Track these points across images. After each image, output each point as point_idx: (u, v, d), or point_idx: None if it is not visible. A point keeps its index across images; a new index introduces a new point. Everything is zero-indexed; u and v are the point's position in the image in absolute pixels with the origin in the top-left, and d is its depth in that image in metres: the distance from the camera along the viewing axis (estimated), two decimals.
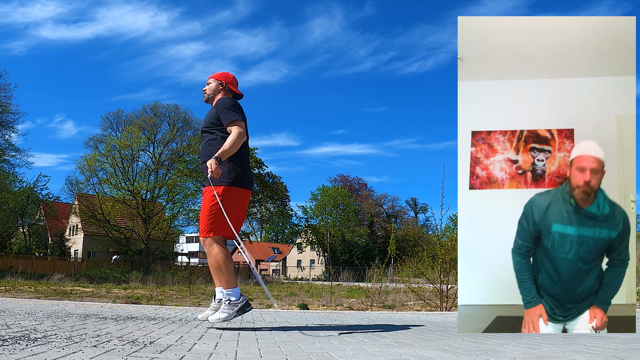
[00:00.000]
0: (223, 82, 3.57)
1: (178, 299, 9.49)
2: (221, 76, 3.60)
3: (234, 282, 3.31)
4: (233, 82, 3.62)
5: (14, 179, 31.14)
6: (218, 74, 3.63)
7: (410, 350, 2.43)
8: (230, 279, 3.29)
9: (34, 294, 9.62)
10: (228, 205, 3.26)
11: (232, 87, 3.59)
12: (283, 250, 64.64)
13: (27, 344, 2.13)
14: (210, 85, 3.59)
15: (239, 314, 3.26)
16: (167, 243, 38.13)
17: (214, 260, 3.27)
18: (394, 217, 64.70)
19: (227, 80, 3.59)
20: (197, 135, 34.84)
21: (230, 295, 3.27)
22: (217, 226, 3.27)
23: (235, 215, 3.34)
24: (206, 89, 3.60)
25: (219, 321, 3.22)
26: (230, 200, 3.28)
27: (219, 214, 3.23)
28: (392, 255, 23.63)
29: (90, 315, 3.90)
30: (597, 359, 2.19)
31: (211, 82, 3.59)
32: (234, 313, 3.24)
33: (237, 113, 3.37)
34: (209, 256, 3.31)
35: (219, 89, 3.56)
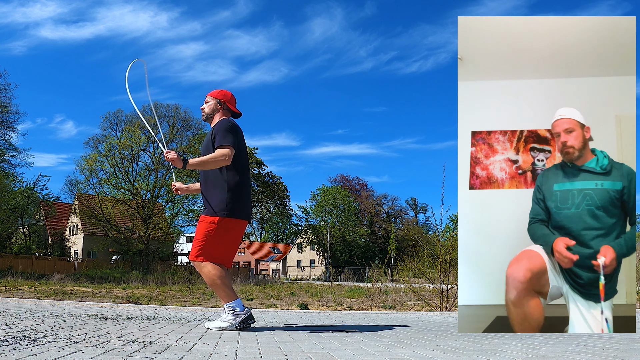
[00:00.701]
0: (222, 101, 3.53)
1: (178, 299, 9.49)
2: (219, 94, 3.55)
3: (233, 295, 3.31)
4: (231, 100, 3.58)
5: (14, 179, 31.15)
6: (216, 91, 3.58)
7: (410, 350, 2.43)
8: (230, 292, 3.29)
9: (34, 294, 9.62)
10: (222, 235, 3.27)
11: (230, 106, 3.55)
12: (283, 250, 64.64)
13: (27, 344, 2.13)
14: (208, 103, 3.54)
15: (241, 325, 3.25)
16: (167, 243, 38.13)
17: (207, 278, 3.28)
18: (394, 217, 64.70)
19: (226, 98, 3.55)
20: (197, 135, 34.83)
21: (234, 307, 3.27)
22: (207, 253, 3.27)
23: (228, 245, 3.35)
24: (204, 107, 3.55)
25: (219, 329, 3.20)
26: (225, 230, 3.28)
27: (211, 242, 3.25)
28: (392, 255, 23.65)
29: (90, 315, 3.90)
30: (597, 359, 2.19)
31: (209, 100, 3.55)
32: (236, 323, 3.23)
33: (232, 138, 3.29)
34: (202, 275, 3.32)
35: (217, 108, 3.52)
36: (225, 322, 3.22)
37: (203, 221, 3.30)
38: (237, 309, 3.27)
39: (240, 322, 3.24)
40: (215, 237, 3.26)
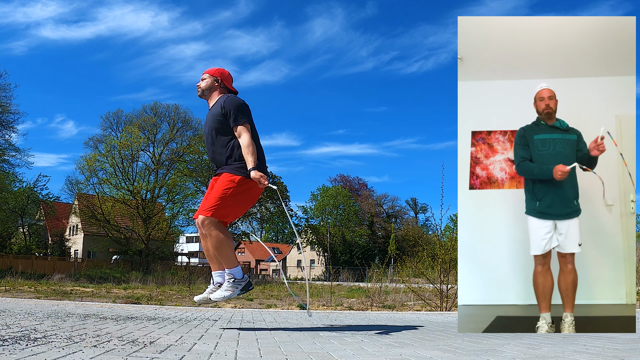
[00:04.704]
0: (218, 79, 3.54)
1: (178, 299, 9.49)
2: (216, 72, 3.56)
3: (236, 261, 3.32)
4: (228, 78, 3.60)
5: (14, 179, 31.13)
6: (213, 69, 3.59)
7: (410, 350, 2.43)
8: (233, 257, 3.29)
9: (34, 294, 9.62)
10: (239, 194, 3.26)
11: (227, 84, 3.57)
12: (283, 250, 64.63)
13: (27, 344, 2.13)
14: (205, 80, 3.55)
15: (242, 292, 3.29)
16: (167, 243, 38.12)
17: (215, 240, 3.23)
18: (394, 217, 64.68)
19: (223, 76, 3.56)
20: (197, 135, 34.82)
21: (234, 274, 3.28)
22: (219, 210, 3.24)
23: (242, 204, 3.35)
24: (200, 84, 3.57)
25: (222, 299, 3.22)
26: (243, 189, 3.27)
27: (227, 200, 3.23)
28: (392, 255, 23.66)
29: (90, 315, 3.90)
30: (597, 359, 2.19)
31: (206, 77, 3.56)
32: (237, 291, 3.25)
33: (247, 116, 3.38)
34: (208, 237, 3.27)
35: (214, 86, 3.53)
36: (227, 290, 3.25)
37: (223, 178, 3.28)
38: (237, 276, 3.29)
39: (241, 290, 3.28)
40: (232, 196, 3.24)
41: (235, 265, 3.30)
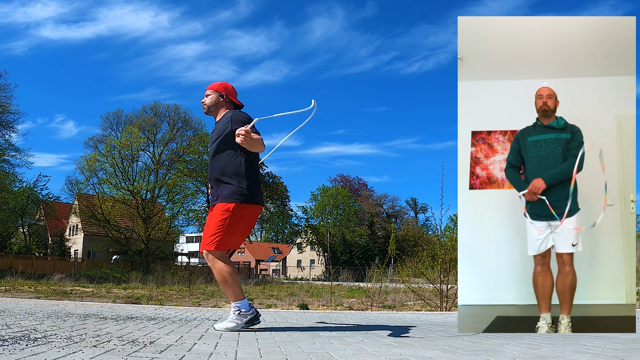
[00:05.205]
0: (223, 94, 3.51)
1: (178, 299, 9.49)
2: (220, 87, 3.53)
3: (241, 294, 3.30)
4: (232, 92, 3.56)
5: (14, 179, 31.12)
6: (216, 84, 3.55)
7: (410, 350, 2.43)
8: (238, 291, 3.28)
9: (34, 294, 9.62)
10: (237, 222, 3.26)
11: (232, 98, 3.54)
12: (283, 250, 64.63)
13: (27, 344, 2.14)
14: (209, 97, 3.52)
15: (247, 325, 3.25)
16: (167, 243, 38.13)
17: (219, 273, 3.26)
18: (394, 217, 64.69)
19: (227, 91, 3.53)
20: (197, 135, 34.81)
21: (240, 307, 3.27)
22: (222, 242, 3.25)
23: (243, 231, 3.33)
24: (205, 101, 3.53)
25: (225, 330, 3.20)
26: (240, 216, 3.27)
27: (226, 231, 3.23)
28: (392, 255, 23.66)
29: (90, 315, 3.90)
30: (597, 359, 2.19)
31: (210, 93, 3.52)
32: (242, 324, 3.23)
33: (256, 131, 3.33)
34: (213, 270, 3.30)
35: (219, 101, 3.50)
36: (232, 322, 3.23)
37: (218, 209, 3.28)
38: (243, 309, 3.26)
39: (246, 323, 3.24)
40: (230, 226, 3.23)
41: (241, 298, 3.28)
